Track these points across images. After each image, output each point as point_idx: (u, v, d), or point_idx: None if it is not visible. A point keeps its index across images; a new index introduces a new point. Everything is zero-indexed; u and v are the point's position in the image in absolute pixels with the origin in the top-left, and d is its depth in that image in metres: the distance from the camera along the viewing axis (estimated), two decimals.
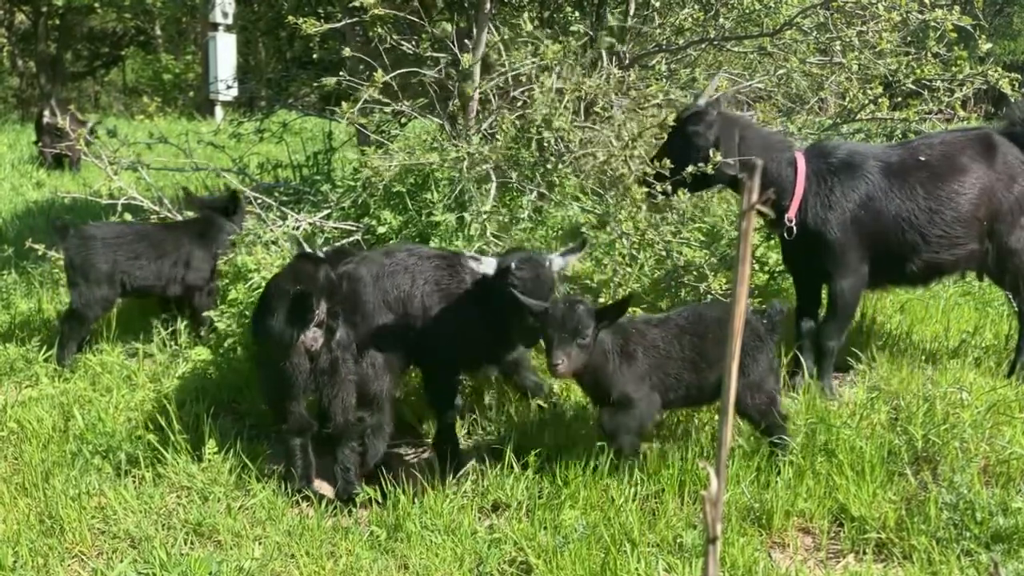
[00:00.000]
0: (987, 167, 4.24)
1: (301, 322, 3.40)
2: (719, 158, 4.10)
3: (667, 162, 4.23)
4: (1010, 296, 4.46)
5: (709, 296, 4.75)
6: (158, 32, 24.47)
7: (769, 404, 3.49)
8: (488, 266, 3.53)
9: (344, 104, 4.65)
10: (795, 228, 4.18)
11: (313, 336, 3.43)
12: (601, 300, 4.53)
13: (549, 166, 4.87)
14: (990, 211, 4.23)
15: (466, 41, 5.16)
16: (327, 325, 3.45)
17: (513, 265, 3.41)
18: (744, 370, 3.40)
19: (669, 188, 4.23)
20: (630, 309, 3.84)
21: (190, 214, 5.77)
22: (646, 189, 4.43)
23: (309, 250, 4.20)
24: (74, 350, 4.87)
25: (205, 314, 4.93)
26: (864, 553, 3.11)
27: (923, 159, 4.23)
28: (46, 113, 10.96)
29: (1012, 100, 4.98)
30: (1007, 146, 4.32)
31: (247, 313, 4.35)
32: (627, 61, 5.72)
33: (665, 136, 4.46)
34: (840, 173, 4.19)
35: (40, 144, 11.50)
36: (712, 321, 3.57)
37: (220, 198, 5.54)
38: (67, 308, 5.01)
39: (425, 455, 3.99)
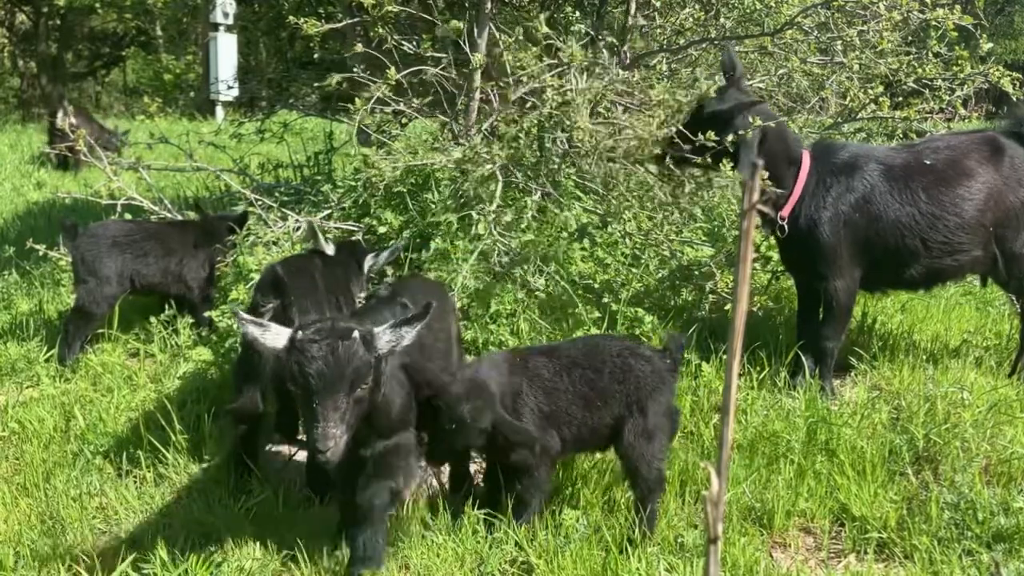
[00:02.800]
0: (994, 171, 4.17)
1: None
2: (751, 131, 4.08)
3: (710, 133, 4.12)
4: (1014, 299, 4.44)
5: (711, 297, 4.76)
6: (159, 32, 24.47)
7: (659, 458, 3.09)
8: (281, 338, 2.64)
9: (358, 101, 4.64)
10: (786, 227, 4.16)
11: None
12: (605, 300, 4.54)
13: (553, 166, 4.87)
14: (997, 216, 4.17)
15: (476, 40, 5.16)
16: (286, 318, 3.48)
17: (299, 336, 2.57)
18: (644, 411, 3.07)
19: (710, 160, 4.17)
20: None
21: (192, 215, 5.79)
22: (681, 172, 4.41)
23: (322, 240, 4.25)
24: (77, 349, 4.87)
25: (206, 314, 4.94)
26: (865, 553, 3.11)
27: (928, 163, 4.18)
28: (59, 114, 10.99)
29: (1017, 100, 4.96)
30: (1014, 148, 4.26)
31: None
32: (628, 61, 5.72)
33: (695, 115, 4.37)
34: (840, 174, 4.15)
35: (50, 144, 11.52)
36: (611, 355, 3.16)
37: (232, 214, 5.54)
38: (72, 306, 5.02)
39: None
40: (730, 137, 4.09)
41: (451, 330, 3.48)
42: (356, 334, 2.56)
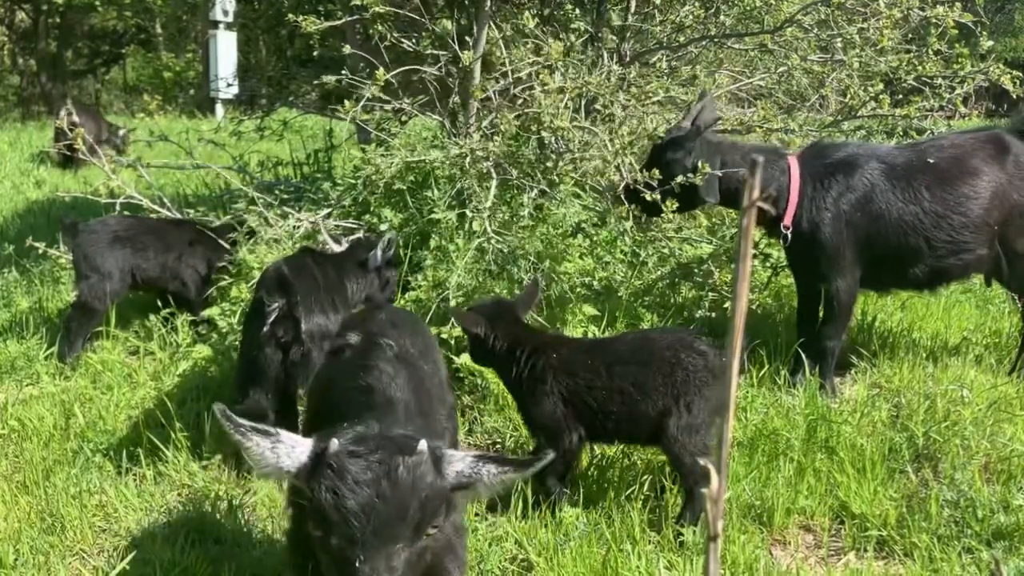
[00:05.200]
0: (999, 169, 4.15)
1: (261, 317, 3.49)
2: (701, 177, 4.07)
3: (655, 172, 4.17)
4: (1016, 298, 4.43)
5: (711, 295, 4.76)
6: (159, 30, 24.45)
7: (704, 446, 3.07)
8: (298, 452, 1.89)
9: (347, 103, 4.64)
10: (790, 236, 4.14)
11: (280, 330, 3.48)
12: (602, 298, 4.54)
13: (550, 164, 4.87)
14: (1002, 215, 4.15)
15: (467, 38, 5.16)
16: (292, 318, 3.49)
17: (332, 448, 1.80)
18: (689, 407, 3.07)
19: (658, 197, 4.14)
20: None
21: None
22: (630, 206, 4.42)
23: (330, 241, 4.25)
24: (78, 347, 4.87)
25: (205, 312, 4.94)
26: (865, 551, 3.10)
27: (931, 161, 4.16)
28: (62, 113, 11.00)
29: (1017, 97, 4.95)
30: (1019, 146, 4.24)
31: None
32: (628, 58, 5.71)
33: (651, 152, 4.43)
34: (838, 174, 4.14)
35: (55, 142, 11.52)
36: (662, 348, 3.18)
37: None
38: (74, 303, 5.02)
39: None
40: (679, 178, 4.08)
41: (439, 365, 2.96)
42: (423, 446, 1.78)
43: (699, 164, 4.09)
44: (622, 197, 4.43)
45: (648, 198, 4.16)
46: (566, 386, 3.20)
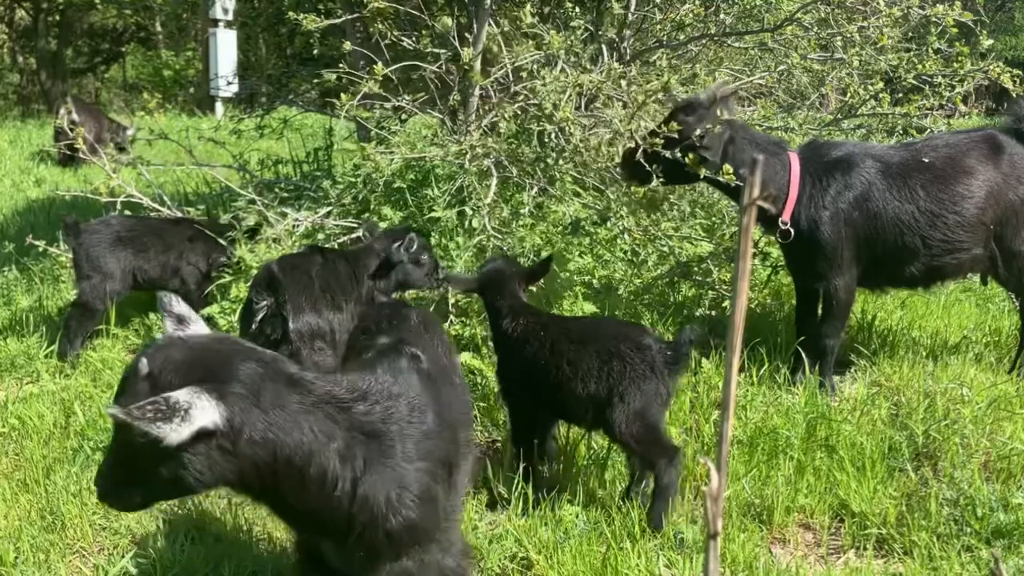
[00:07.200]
0: (994, 168, 4.16)
1: (250, 315, 3.54)
2: (702, 152, 4.06)
3: (674, 125, 4.10)
4: (1014, 296, 4.43)
5: (711, 293, 4.76)
6: (158, 28, 24.44)
7: (648, 433, 3.12)
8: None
9: (343, 96, 4.64)
10: (790, 231, 4.14)
11: (268, 329, 3.50)
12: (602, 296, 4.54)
13: (550, 161, 4.87)
14: (997, 214, 4.16)
15: (466, 35, 5.16)
16: (280, 316, 3.50)
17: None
18: (623, 396, 3.12)
19: (679, 155, 4.07)
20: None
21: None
22: (649, 167, 4.36)
23: (371, 238, 4.25)
24: (79, 345, 4.87)
25: (205, 310, 4.94)
26: (865, 549, 3.11)
27: (926, 161, 4.17)
28: (61, 112, 11.00)
29: (1016, 96, 4.95)
30: (1013, 146, 4.25)
31: None
32: (628, 56, 5.71)
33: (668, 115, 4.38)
34: (835, 172, 4.15)
35: (55, 140, 11.53)
36: (605, 336, 3.24)
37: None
38: (74, 302, 5.02)
39: None
40: (698, 131, 4.06)
41: (458, 369, 2.90)
42: (143, 366, 1.84)
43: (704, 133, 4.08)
44: (640, 161, 4.26)
45: (668, 155, 4.11)
46: (520, 353, 3.35)
